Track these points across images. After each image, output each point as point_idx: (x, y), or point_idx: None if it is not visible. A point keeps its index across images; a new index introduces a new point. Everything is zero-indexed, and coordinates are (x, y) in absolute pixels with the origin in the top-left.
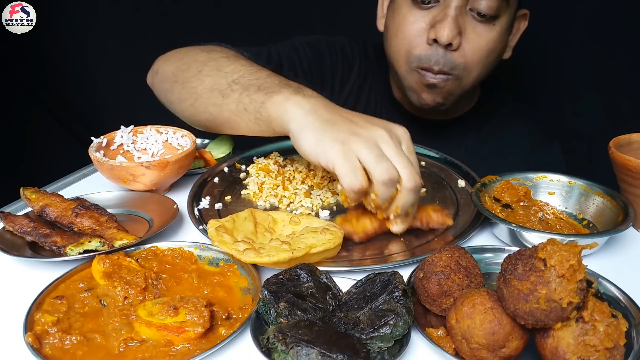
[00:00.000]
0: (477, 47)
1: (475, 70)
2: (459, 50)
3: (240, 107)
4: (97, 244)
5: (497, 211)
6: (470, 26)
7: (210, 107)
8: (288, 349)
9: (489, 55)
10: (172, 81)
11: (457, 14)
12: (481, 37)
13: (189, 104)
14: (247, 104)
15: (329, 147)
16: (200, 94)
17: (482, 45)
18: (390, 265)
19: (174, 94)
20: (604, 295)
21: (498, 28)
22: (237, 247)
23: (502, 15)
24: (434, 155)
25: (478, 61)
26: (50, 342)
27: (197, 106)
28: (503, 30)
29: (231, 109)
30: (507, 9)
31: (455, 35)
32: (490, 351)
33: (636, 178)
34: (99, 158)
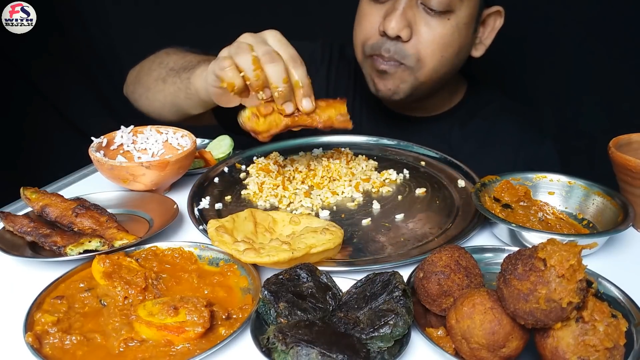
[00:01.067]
0: (430, 40)
1: (430, 63)
2: (410, 42)
3: (175, 87)
4: (97, 244)
5: (497, 211)
6: (422, 19)
7: (157, 95)
8: (288, 349)
9: (444, 49)
10: (134, 83)
11: (406, 7)
12: (434, 31)
13: (145, 97)
14: (179, 83)
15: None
16: (149, 86)
17: (435, 38)
18: (390, 265)
19: (136, 93)
20: (604, 295)
21: (453, 22)
22: (237, 247)
23: (456, 10)
24: (434, 155)
25: (432, 54)
26: (50, 342)
27: (149, 97)
28: (461, 26)
29: (170, 92)
30: (461, 3)
31: (403, 28)
32: (490, 351)
33: (636, 178)
34: (99, 158)
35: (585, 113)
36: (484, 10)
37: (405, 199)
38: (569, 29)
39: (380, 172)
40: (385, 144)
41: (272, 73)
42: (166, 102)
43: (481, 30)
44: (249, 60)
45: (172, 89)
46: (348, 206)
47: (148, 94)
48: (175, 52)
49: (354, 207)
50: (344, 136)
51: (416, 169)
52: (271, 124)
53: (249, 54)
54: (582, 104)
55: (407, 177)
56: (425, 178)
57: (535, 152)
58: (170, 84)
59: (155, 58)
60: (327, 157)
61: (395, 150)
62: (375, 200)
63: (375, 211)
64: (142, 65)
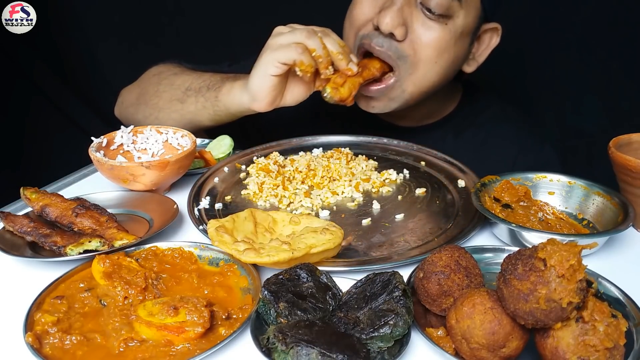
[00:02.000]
0: (428, 43)
1: (423, 69)
2: (406, 42)
3: (199, 106)
4: (97, 244)
5: (497, 211)
6: (420, 20)
7: (172, 114)
8: (288, 349)
9: (439, 54)
10: (136, 104)
11: (404, 4)
12: (432, 32)
13: (154, 118)
14: (203, 102)
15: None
16: (162, 107)
17: (432, 41)
18: (390, 265)
19: (139, 114)
20: (604, 295)
21: (451, 29)
22: (237, 247)
23: (455, 16)
24: (434, 155)
25: (427, 58)
26: (50, 342)
27: (161, 117)
28: (458, 34)
29: (191, 111)
30: (460, 9)
31: (397, 26)
32: (490, 351)
33: (636, 178)
34: (99, 158)
35: (585, 113)
36: (482, 25)
37: (405, 199)
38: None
39: (380, 172)
40: (385, 144)
41: (331, 44)
42: (182, 120)
43: (476, 45)
44: (318, 41)
45: (192, 108)
46: (348, 206)
47: (159, 114)
48: (182, 72)
49: (354, 207)
50: (344, 136)
51: (416, 169)
52: (350, 88)
53: (316, 37)
54: (582, 104)
55: (407, 177)
56: (425, 178)
57: (534, 160)
58: (190, 104)
59: (161, 79)
60: (327, 157)
61: (395, 150)
62: (375, 200)
63: (375, 211)
64: (143, 86)
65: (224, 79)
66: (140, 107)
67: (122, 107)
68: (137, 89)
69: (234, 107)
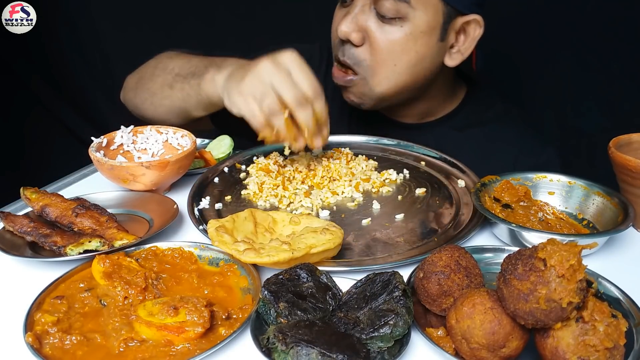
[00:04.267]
0: (382, 47)
1: (383, 72)
2: (362, 48)
3: (184, 94)
4: (97, 244)
5: (497, 211)
6: (376, 25)
7: (164, 101)
8: (288, 349)
9: (396, 56)
10: (135, 89)
11: (359, 12)
12: (386, 37)
13: (149, 103)
14: (188, 90)
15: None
16: (154, 92)
17: (386, 45)
18: (390, 265)
19: (137, 98)
20: (604, 295)
21: (407, 30)
22: (237, 247)
23: (410, 17)
24: (434, 155)
25: (382, 61)
26: (50, 342)
27: (154, 102)
28: (417, 34)
29: (179, 97)
30: (413, 11)
31: (352, 31)
32: (490, 351)
33: (636, 178)
34: (99, 158)
35: (585, 113)
36: (455, 18)
37: (405, 199)
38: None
39: (380, 172)
40: (385, 144)
41: (303, 118)
42: (173, 107)
43: (462, 39)
44: (282, 121)
45: (180, 95)
46: (348, 206)
47: (153, 99)
48: (177, 56)
49: (354, 207)
50: (344, 136)
51: (416, 169)
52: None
53: (281, 115)
54: (582, 104)
55: (407, 177)
56: (425, 178)
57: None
58: (178, 90)
59: (157, 63)
60: (327, 157)
61: (395, 150)
62: (375, 200)
63: (375, 211)
64: (143, 71)
65: (209, 65)
66: (138, 91)
67: (124, 92)
68: (137, 74)
69: (216, 97)
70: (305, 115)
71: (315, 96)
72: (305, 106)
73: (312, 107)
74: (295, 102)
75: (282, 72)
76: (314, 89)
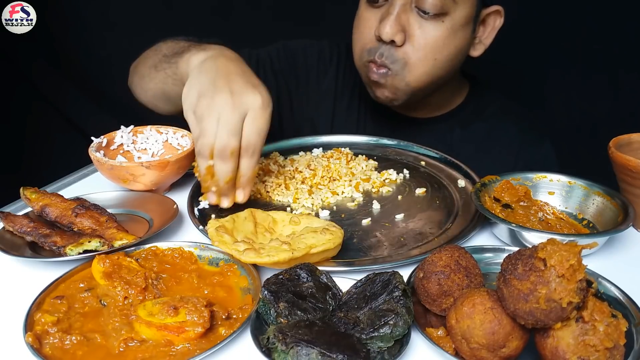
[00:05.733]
0: (422, 44)
1: (422, 67)
2: (403, 47)
3: (165, 74)
4: (97, 244)
5: (497, 211)
6: (416, 23)
7: (149, 83)
8: (288, 349)
9: (436, 52)
10: (133, 74)
11: (401, 11)
12: (427, 34)
13: (140, 87)
14: (167, 69)
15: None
16: (143, 74)
17: (428, 42)
18: (390, 265)
19: (133, 83)
20: (604, 295)
21: (448, 25)
22: (237, 247)
23: (451, 12)
24: (434, 155)
25: (423, 57)
26: (50, 342)
27: (143, 86)
28: (456, 27)
29: (161, 79)
30: (455, 5)
31: (397, 32)
32: (490, 351)
33: (636, 178)
34: (99, 158)
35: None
36: (482, 10)
37: (405, 199)
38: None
39: (380, 172)
40: (385, 144)
41: (218, 170)
42: (157, 90)
43: (481, 29)
44: (204, 165)
45: (162, 76)
46: (348, 206)
47: (142, 82)
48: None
49: (354, 207)
50: (344, 136)
51: (416, 169)
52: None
53: (206, 160)
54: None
55: (407, 177)
56: (425, 178)
57: (535, 154)
58: (162, 71)
59: (153, 49)
60: (327, 157)
61: (395, 150)
62: (375, 200)
63: (375, 211)
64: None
65: (192, 46)
66: (134, 77)
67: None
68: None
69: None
70: (221, 169)
71: (249, 153)
72: (227, 160)
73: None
74: (220, 151)
75: (234, 114)
76: (253, 146)
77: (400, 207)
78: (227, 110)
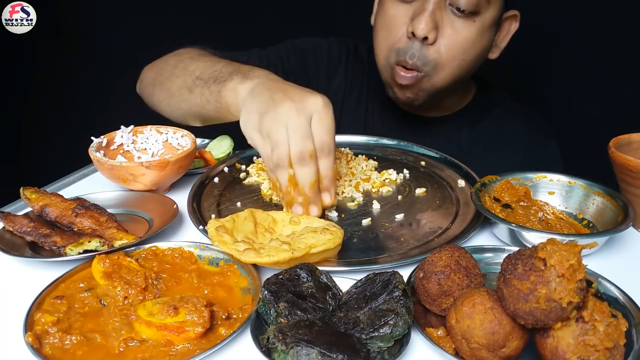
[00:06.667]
0: (453, 43)
1: (449, 68)
2: (434, 45)
3: (203, 99)
4: (97, 244)
5: (497, 211)
6: (449, 21)
7: (181, 104)
8: (288, 349)
9: (465, 51)
10: (152, 86)
11: (435, 8)
12: (458, 33)
13: (166, 104)
14: (208, 95)
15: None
16: (173, 93)
17: (459, 41)
18: (390, 265)
19: (154, 97)
20: (604, 295)
21: (478, 25)
22: (237, 247)
23: (482, 11)
24: (434, 155)
25: (452, 57)
26: (50, 342)
27: (172, 104)
28: (485, 28)
29: (197, 103)
30: (488, 5)
31: (431, 29)
32: (490, 351)
33: (636, 178)
34: (99, 158)
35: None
36: (503, 13)
37: (405, 199)
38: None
39: (380, 172)
40: (385, 144)
41: (300, 176)
42: (191, 112)
43: (497, 33)
44: (286, 177)
45: (199, 100)
46: (348, 206)
47: (170, 101)
48: (200, 56)
49: (354, 207)
50: (344, 136)
51: (416, 169)
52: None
53: (286, 171)
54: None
55: (407, 177)
56: (425, 178)
57: (541, 154)
58: (197, 95)
59: (178, 62)
60: None
61: (395, 150)
62: (375, 200)
63: (375, 211)
64: (162, 66)
65: (234, 73)
66: (155, 89)
67: (141, 85)
68: (156, 68)
69: (234, 108)
70: (303, 174)
71: (325, 152)
72: (307, 163)
73: (317, 165)
74: (299, 156)
75: (301, 119)
76: (327, 145)
77: (400, 207)
78: (294, 117)
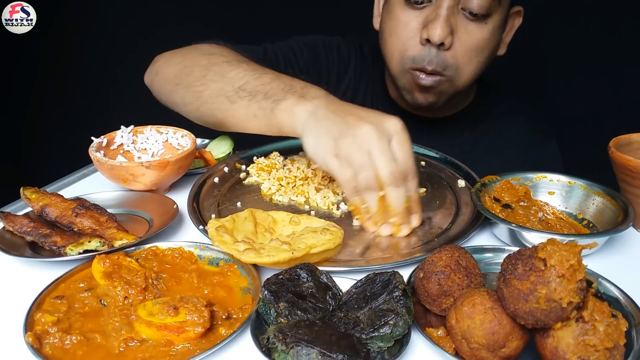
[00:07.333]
0: (468, 46)
1: (467, 70)
2: (451, 50)
3: (249, 113)
4: (97, 244)
5: (497, 211)
6: (462, 25)
7: (216, 112)
8: (288, 349)
9: (480, 53)
10: (174, 84)
11: (449, 13)
12: (472, 36)
13: (194, 108)
14: (256, 110)
15: (327, 159)
16: (206, 99)
17: (473, 44)
18: (390, 265)
19: (177, 96)
20: (604, 295)
21: (490, 26)
22: (237, 247)
23: (494, 13)
24: (434, 155)
25: (469, 60)
26: (50, 342)
27: (202, 110)
28: (495, 28)
29: (240, 115)
30: (499, 7)
31: (447, 35)
32: (490, 351)
33: (636, 178)
34: (99, 158)
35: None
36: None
37: None
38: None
39: None
40: None
41: (394, 198)
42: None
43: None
44: (375, 199)
45: (243, 113)
46: (348, 206)
47: (201, 107)
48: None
49: None
50: None
51: None
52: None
53: (376, 193)
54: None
55: None
56: (425, 178)
57: (541, 155)
58: (241, 107)
59: (211, 64)
60: None
61: None
62: None
63: None
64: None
65: (287, 91)
66: (180, 88)
67: (156, 79)
68: (179, 64)
69: (289, 129)
70: (397, 196)
71: (410, 175)
72: (401, 184)
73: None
74: (391, 179)
75: (383, 142)
76: (411, 168)
77: None
78: (375, 140)
